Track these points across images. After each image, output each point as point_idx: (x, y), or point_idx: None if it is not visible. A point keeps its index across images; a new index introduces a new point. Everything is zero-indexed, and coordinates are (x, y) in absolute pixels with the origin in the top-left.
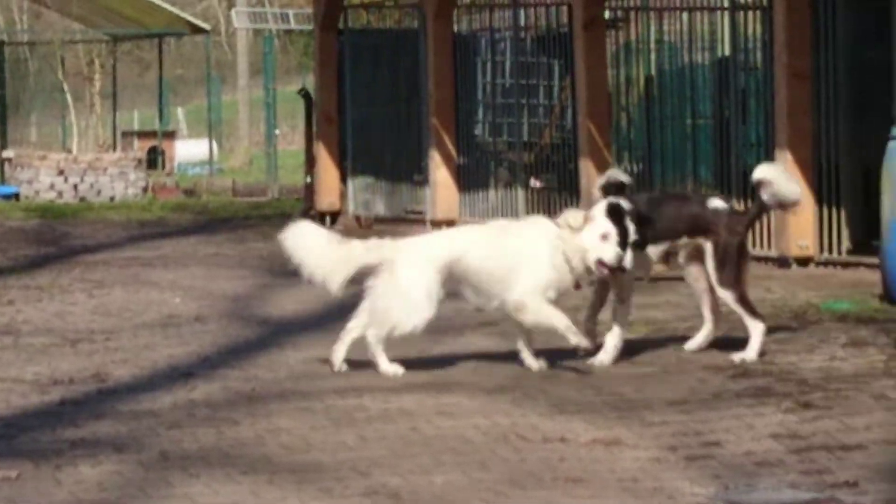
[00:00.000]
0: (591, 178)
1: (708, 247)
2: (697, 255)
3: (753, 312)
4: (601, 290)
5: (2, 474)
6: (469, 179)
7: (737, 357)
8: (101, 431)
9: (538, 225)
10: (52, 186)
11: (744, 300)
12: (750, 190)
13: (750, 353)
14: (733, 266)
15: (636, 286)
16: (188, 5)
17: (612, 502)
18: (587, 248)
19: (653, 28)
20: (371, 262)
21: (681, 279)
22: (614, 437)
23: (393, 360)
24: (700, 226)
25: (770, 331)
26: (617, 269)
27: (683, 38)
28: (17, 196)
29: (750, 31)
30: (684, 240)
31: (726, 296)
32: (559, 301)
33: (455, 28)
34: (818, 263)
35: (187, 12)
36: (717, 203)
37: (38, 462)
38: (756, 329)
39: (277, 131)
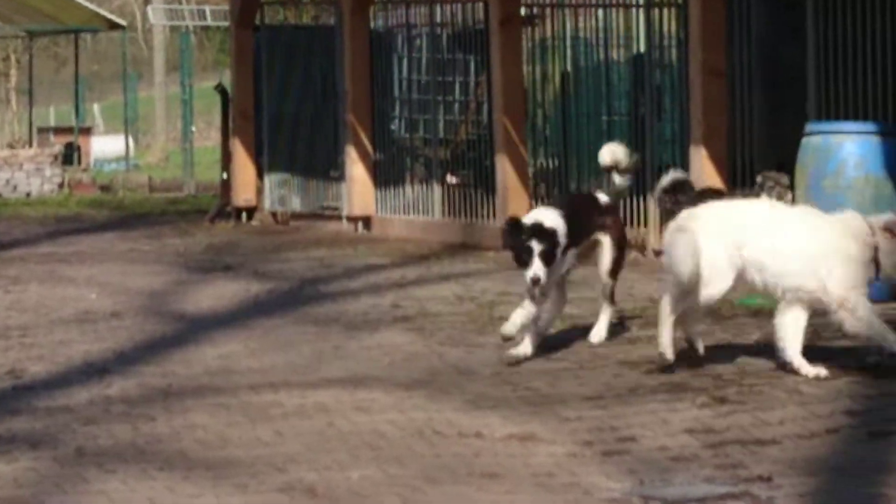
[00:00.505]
0: (507, 174)
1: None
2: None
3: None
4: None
5: None
6: (385, 175)
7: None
8: (17, 427)
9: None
10: None
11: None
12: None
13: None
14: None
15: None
16: (105, 2)
17: (527, 498)
18: None
19: (568, 25)
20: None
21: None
22: (529, 433)
23: (311, 354)
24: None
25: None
26: None
27: (599, 35)
28: None
29: (665, 28)
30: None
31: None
32: None
33: (372, 24)
34: None
35: (104, 8)
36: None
37: None
38: (607, 313)
39: (194, 128)
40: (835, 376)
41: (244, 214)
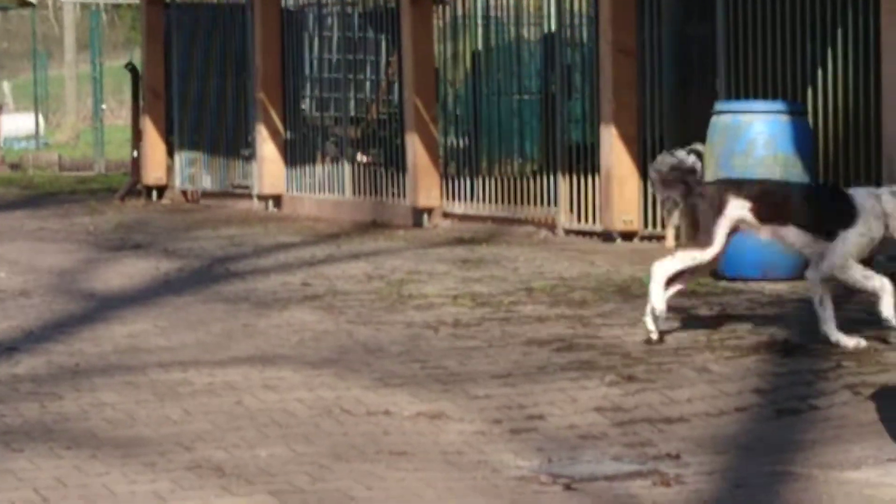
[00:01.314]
0: (418, 153)
1: None
2: None
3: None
4: None
5: None
6: (296, 154)
7: None
8: None
9: None
10: None
11: None
12: (573, 164)
13: None
14: None
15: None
16: None
17: (436, 475)
18: None
19: (480, 3)
20: None
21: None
22: (438, 411)
23: (220, 332)
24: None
25: (591, 304)
26: None
27: (510, 14)
28: None
29: (576, 6)
30: None
31: None
32: None
33: (283, 2)
34: (643, 237)
35: None
36: None
37: None
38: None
39: (104, 106)
40: (743, 354)
41: (154, 193)
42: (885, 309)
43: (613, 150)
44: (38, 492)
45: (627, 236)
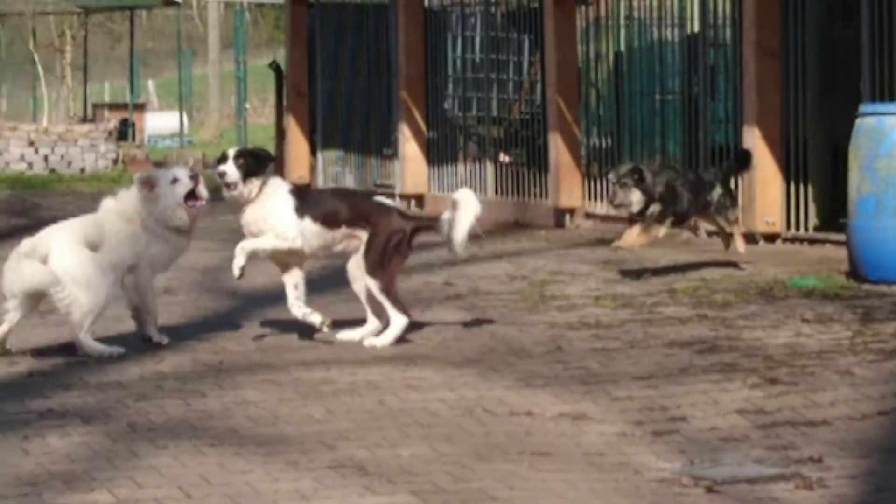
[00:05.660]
0: (560, 153)
1: (364, 237)
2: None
3: (397, 304)
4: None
5: None
6: (438, 154)
7: (367, 342)
8: (70, 403)
9: None
10: (22, 158)
11: (388, 292)
12: (717, 164)
13: (384, 339)
14: (386, 257)
15: None
16: None
17: (577, 476)
18: None
19: (622, 4)
20: None
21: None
22: (581, 412)
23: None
24: (361, 216)
25: (734, 306)
26: None
27: (653, 15)
28: None
29: (719, 7)
30: (344, 229)
31: (372, 284)
32: None
33: (426, 2)
34: (785, 240)
35: None
36: (382, 199)
37: (6, 433)
38: (397, 320)
39: (247, 104)
40: (886, 358)
41: None
42: None
43: (756, 151)
44: (182, 489)
45: (770, 238)
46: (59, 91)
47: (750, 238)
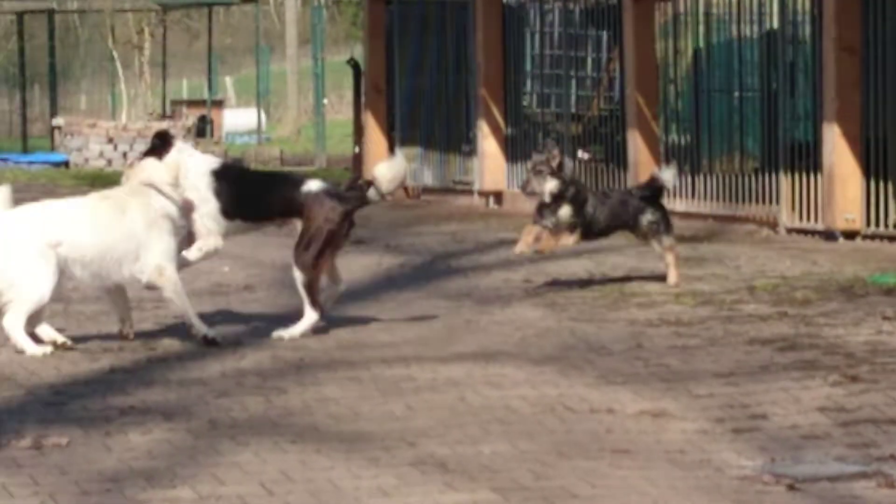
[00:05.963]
0: (639, 150)
1: (298, 227)
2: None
3: (314, 302)
4: None
5: (52, 441)
6: (517, 150)
7: (275, 334)
8: (151, 399)
9: None
10: (101, 154)
11: (310, 287)
12: (795, 162)
13: (293, 331)
14: (315, 249)
15: None
16: None
17: (658, 474)
18: None
19: (701, 1)
20: None
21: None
22: (661, 409)
23: (442, 328)
24: (293, 207)
25: (814, 304)
26: None
27: (732, 11)
28: (66, 164)
29: (799, 3)
30: (278, 220)
31: (297, 276)
32: None
33: None
34: (865, 237)
35: None
36: (312, 186)
37: (88, 429)
38: (309, 316)
39: (325, 101)
40: None
41: None
42: None
43: (836, 148)
44: (263, 485)
45: (850, 235)
46: (137, 88)
47: (830, 235)
